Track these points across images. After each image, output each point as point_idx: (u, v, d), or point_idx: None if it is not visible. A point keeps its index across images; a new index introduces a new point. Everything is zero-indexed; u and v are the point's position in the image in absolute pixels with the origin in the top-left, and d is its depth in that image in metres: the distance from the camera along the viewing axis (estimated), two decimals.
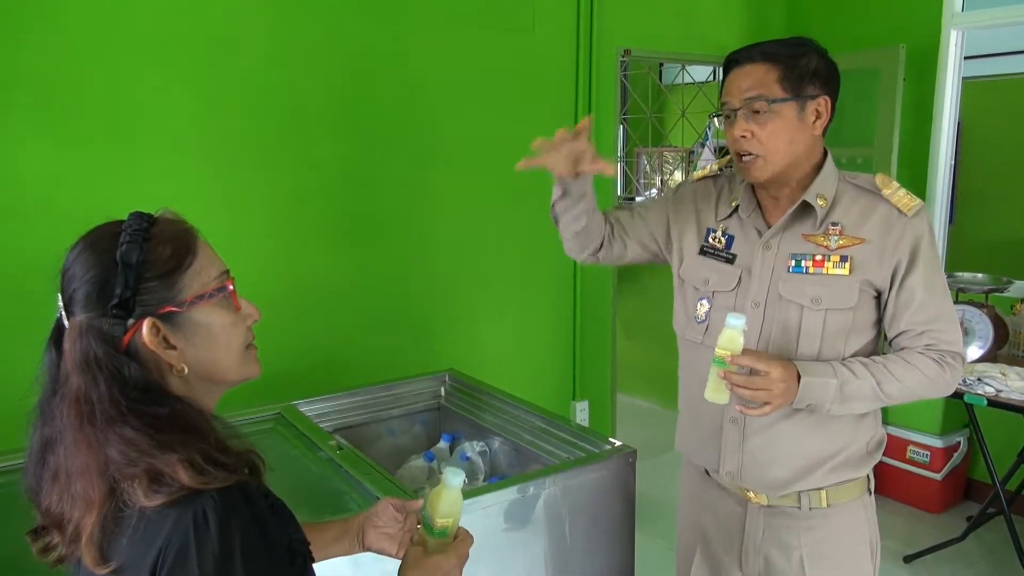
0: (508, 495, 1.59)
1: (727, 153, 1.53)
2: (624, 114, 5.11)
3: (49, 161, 2.21)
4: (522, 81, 3.13)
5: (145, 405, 0.81)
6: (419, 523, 1.10)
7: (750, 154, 1.42)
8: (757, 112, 1.39)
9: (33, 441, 0.86)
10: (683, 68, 4.75)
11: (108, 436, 0.79)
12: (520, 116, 3.14)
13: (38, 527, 0.87)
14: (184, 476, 0.77)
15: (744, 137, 1.41)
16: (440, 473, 2.03)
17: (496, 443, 2.08)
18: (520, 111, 3.14)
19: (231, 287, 0.90)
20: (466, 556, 1.06)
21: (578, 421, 3.39)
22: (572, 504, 1.68)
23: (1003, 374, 2.80)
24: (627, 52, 3.45)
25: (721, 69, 1.50)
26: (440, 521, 1.06)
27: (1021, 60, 4.71)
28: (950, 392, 1.46)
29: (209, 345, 0.87)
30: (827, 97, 1.43)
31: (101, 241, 0.84)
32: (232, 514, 0.79)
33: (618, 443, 1.80)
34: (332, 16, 2.63)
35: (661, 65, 5.82)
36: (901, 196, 1.43)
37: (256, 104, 2.52)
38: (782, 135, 1.40)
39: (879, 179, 1.46)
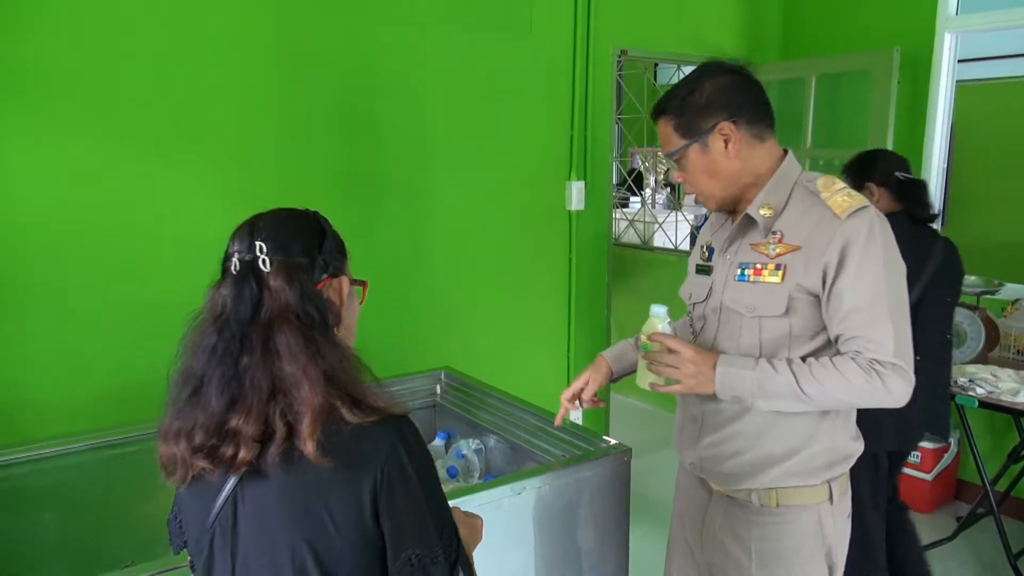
0: (503, 493, 1.60)
1: None
2: (619, 114, 5.12)
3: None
4: (519, 82, 3.14)
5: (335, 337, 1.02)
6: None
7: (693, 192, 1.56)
8: (677, 161, 1.51)
9: (228, 368, 0.96)
10: (679, 68, 4.76)
11: (322, 349, 0.97)
12: (517, 116, 3.15)
13: (201, 446, 0.96)
14: (378, 400, 0.98)
15: (680, 182, 1.56)
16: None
17: (492, 441, 2.09)
18: (517, 111, 3.15)
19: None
20: (476, 528, 1.19)
21: (573, 419, 3.40)
22: (567, 502, 1.69)
23: (994, 376, 2.82)
24: (623, 52, 3.46)
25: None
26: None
27: (1014, 64, 4.74)
28: (894, 403, 1.35)
29: (350, 314, 1.11)
30: (729, 121, 1.43)
31: (302, 218, 1.07)
32: (418, 434, 1.02)
33: (613, 441, 1.81)
34: (335, 18, 2.63)
35: (656, 65, 5.83)
36: (839, 199, 1.39)
37: (255, 105, 2.52)
38: (700, 174, 1.50)
39: (821, 181, 1.44)
